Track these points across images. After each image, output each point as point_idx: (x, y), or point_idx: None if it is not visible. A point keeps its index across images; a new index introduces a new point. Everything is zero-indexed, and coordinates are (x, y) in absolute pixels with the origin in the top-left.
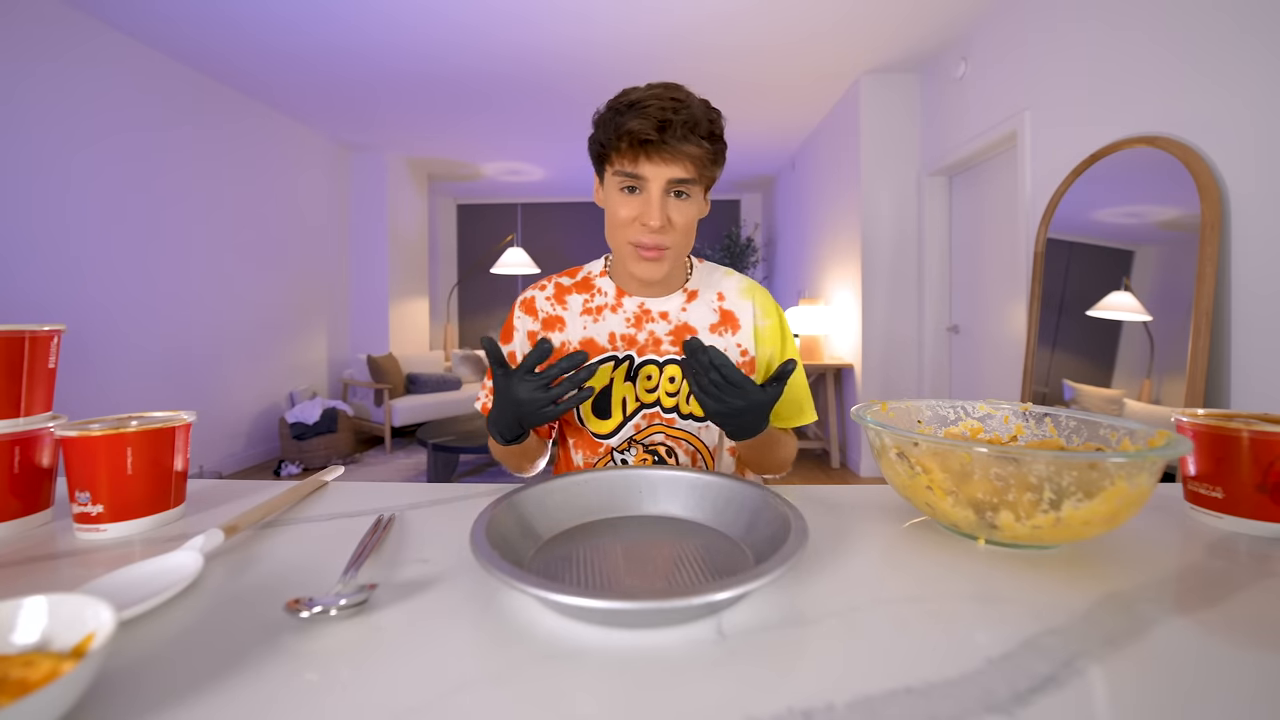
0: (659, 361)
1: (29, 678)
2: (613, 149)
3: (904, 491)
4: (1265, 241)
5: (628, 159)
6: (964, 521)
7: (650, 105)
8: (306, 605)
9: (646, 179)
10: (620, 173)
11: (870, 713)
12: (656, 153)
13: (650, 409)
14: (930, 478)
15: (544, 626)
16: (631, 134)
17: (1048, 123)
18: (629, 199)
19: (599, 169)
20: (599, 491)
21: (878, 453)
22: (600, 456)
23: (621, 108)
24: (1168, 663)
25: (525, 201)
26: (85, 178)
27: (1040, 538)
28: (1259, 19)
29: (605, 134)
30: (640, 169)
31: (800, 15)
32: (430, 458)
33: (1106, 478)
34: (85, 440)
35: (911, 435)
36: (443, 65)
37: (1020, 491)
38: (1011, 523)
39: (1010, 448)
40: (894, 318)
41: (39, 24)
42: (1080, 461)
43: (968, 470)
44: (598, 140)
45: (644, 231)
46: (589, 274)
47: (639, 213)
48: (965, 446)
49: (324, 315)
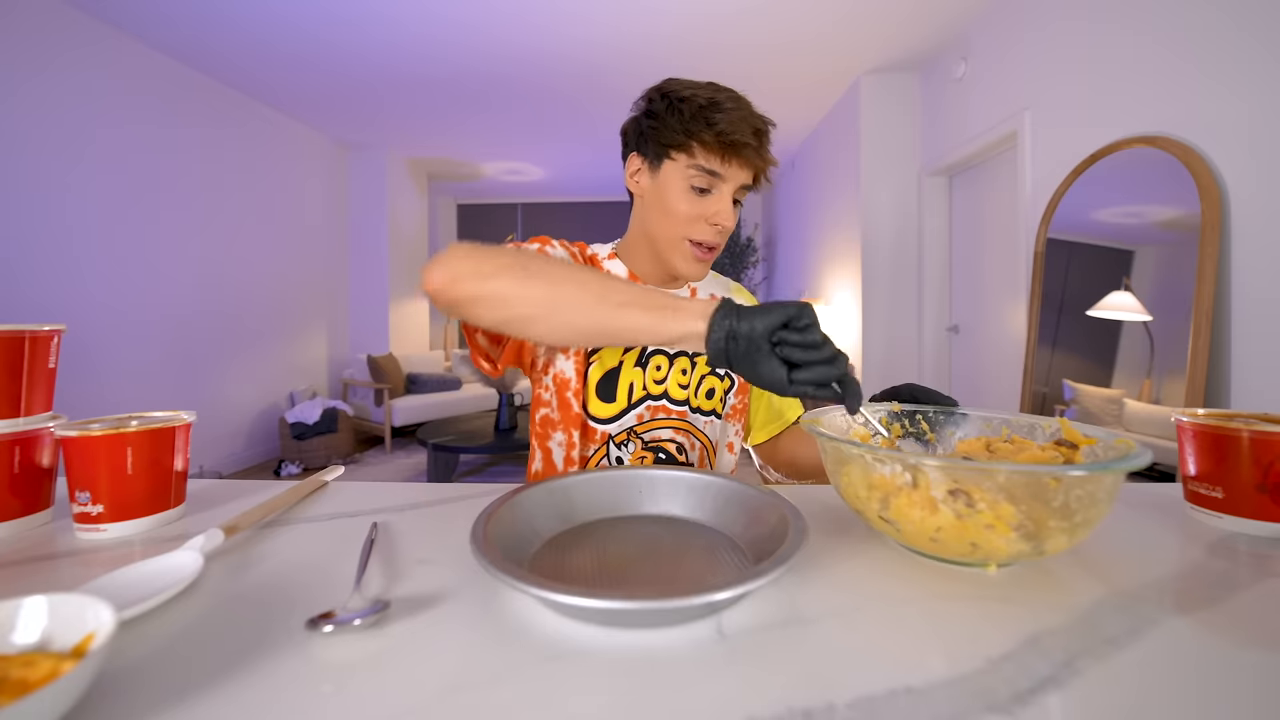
0: (669, 353)
1: (29, 678)
2: (696, 141)
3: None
4: (1265, 242)
5: (715, 156)
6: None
7: (743, 110)
8: (328, 621)
9: (724, 180)
10: (699, 168)
11: (870, 713)
12: (743, 156)
13: (657, 401)
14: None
15: (544, 627)
16: (724, 134)
17: (1048, 123)
18: (697, 196)
19: (657, 155)
20: (599, 491)
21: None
22: (597, 447)
23: (705, 103)
24: (1168, 663)
25: (525, 201)
26: (85, 178)
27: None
28: (1259, 19)
29: (688, 125)
30: (724, 169)
31: (800, 15)
32: (430, 458)
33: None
34: (85, 440)
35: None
36: (443, 65)
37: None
38: (904, 507)
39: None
40: (894, 318)
41: (39, 24)
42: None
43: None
44: (673, 128)
45: (710, 231)
46: (596, 254)
47: (710, 212)
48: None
49: (324, 315)
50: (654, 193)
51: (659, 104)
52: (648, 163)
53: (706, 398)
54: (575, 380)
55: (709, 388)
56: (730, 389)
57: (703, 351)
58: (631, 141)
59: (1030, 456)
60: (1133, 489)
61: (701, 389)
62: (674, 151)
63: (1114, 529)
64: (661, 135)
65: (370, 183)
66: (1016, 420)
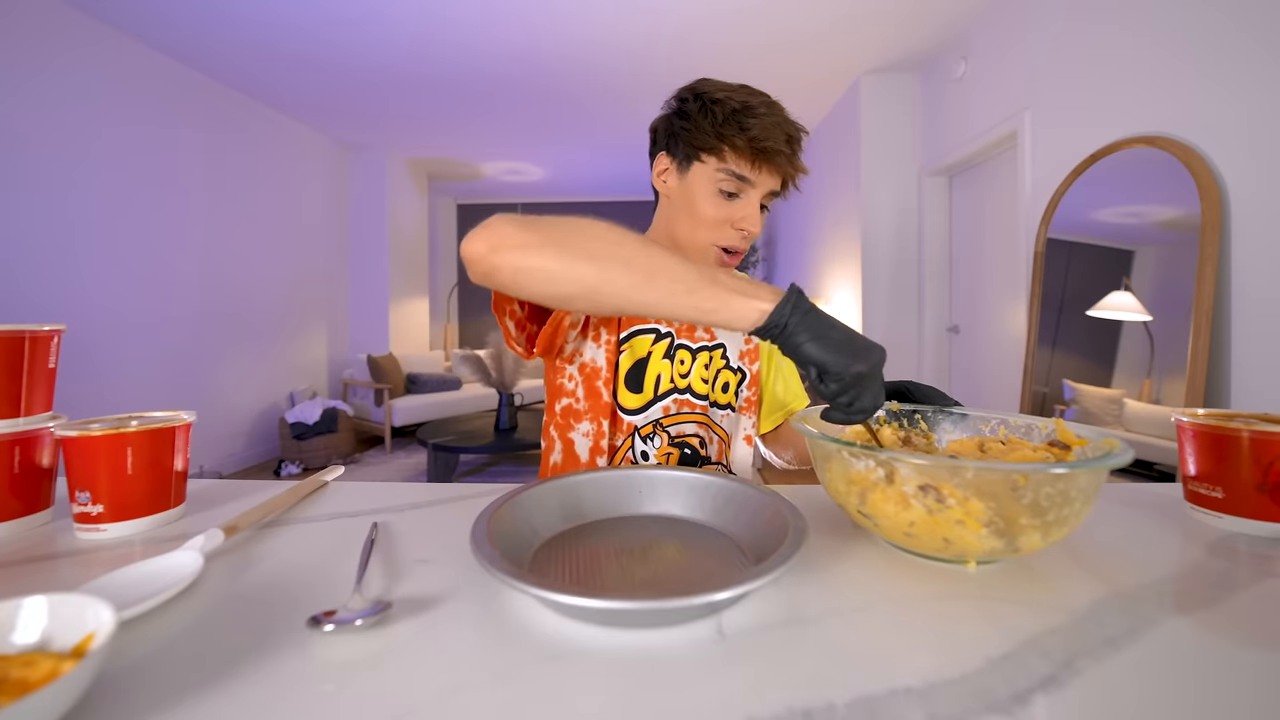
0: (692, 348)
1: (29, 678)
2: (729, 144)
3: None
4: (1265, 242)
5: (746, 162)
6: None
7: (776, 116)
8: (329, 619)
9: (753, 186)
10: (728, 172)
11: (870, 713)
12: (774, 163)
13: (682, 394)
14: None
15: (544, 627)
16: (756, 140)
17: (1048, 123)
18: (725, 200)
19: (686, 157)
20: (599, 491)
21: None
22: (625, 437)
23: (739, 107)
24: (1168, 663)
25: (525, 201)
26: (86, 178)
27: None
28: (1259, 19)
29: (720, 128)
30: (754, 175)
31: (800, 15)
32: (430, 458)
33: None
34: (85, 440)
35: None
36: (443, 65)
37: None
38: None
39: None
40: (894, 318)
41: (39, 24)
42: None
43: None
44: (705, 130)
45: (737, 236)
46: None
47: (738, 216)
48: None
49: (324, 315)
50: (681, 193)
51: (691, 104)
52: (676, 163)
53: (723, 391)
54: (606, 369)
55: (724, 381)
56: (742, 381)
57: (748, 332)
58: (661, 140)
59: (1020, 457)
60: (1133, 489)
61: (718, 383)
62: (704, 154)
63: (1114, 529)
64: (693, 137)
65: (371, 183)
66: (1014, 420)
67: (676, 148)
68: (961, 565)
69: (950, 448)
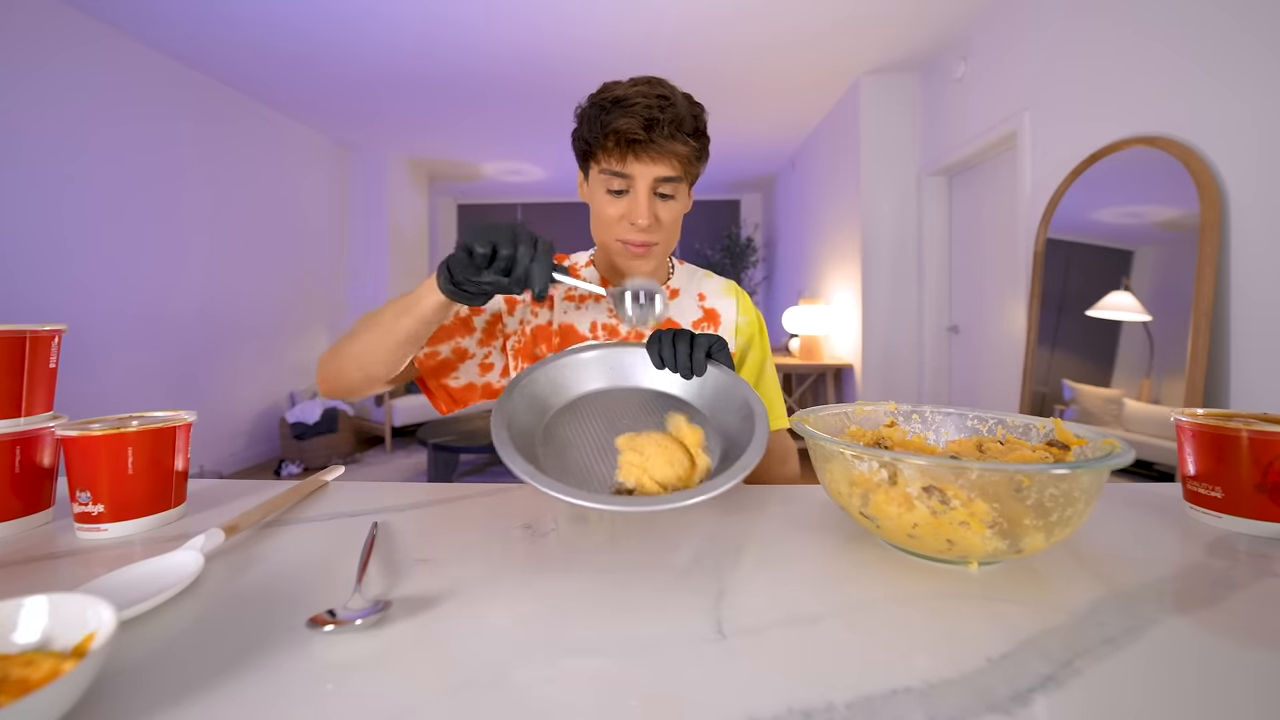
0: None
1: (30, 677)
2: (599, 147)
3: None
4: (1265, 242)
5: (615, 158)
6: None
7: (637, 103)
8: (329, 620)
9: (634, 177)
10: (607, 171)
11: (870, 713)
12: (644, 151)
13: None
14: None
15: (544, 626)
16: (619, 133)
17: (1047, 123)
18: (616, 197)
19: (583, 165)
20: (603, 363)
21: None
22: None
23: (606, 104)
24: (1168, 663)
25: (525, 201)
26: (85, 178)
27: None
28: (1260, 19)
29: (590, 131)
30: (628, 168)
31: (800, 15)
32: (430, 457)
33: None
34: (86, 440)
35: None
36: (443, 65)
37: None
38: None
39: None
40: (894, 318)
41: (38, 23)
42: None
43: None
44: (582, 137)
45: (632, 230)
46: (575, 263)
47: (626, 211)
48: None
49: (324, 315)
50: (590, 199)
51: (581, 113)
52: (582, 174)
53: None
54: None
55: None
56: None
57: (451, 301)
58: (577, 157)
59: (1019, 457)
60: (1133, 489)
61: None
62: (591, 160)
63: (1114, 529)
64: (581, 145)
65: (370, 183)
66: (1012, 420)
67: (581, 160)
68: (963, 566)
69: (950, 448)
